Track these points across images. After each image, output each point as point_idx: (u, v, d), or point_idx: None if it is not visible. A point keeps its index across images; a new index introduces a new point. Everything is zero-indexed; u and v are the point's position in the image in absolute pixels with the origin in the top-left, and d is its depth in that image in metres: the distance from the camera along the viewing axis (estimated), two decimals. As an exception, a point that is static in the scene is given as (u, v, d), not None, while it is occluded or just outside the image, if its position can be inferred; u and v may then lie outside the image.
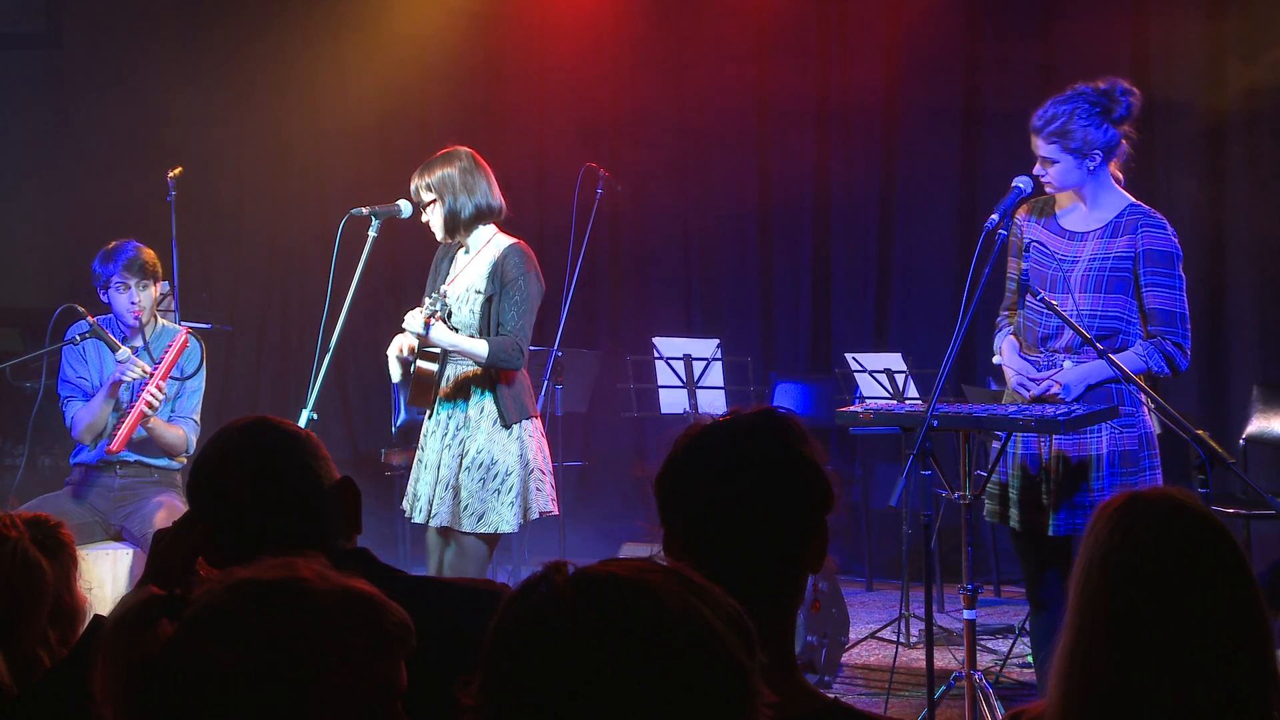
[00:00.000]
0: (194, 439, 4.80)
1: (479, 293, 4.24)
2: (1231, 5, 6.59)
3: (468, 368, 4.26)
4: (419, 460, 4.37)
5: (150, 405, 4.55)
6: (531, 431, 4.31)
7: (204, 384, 4.88)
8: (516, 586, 1.22)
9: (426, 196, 4.27)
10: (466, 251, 4.39)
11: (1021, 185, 3.79)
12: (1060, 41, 6.87)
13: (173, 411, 4.78)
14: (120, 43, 8.21)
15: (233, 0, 8.17)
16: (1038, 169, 3.78)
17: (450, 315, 4.25)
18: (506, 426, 4.23)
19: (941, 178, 7.16)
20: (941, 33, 7.06)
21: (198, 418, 4.86)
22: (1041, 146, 3.73)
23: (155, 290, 4.79)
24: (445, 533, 4.27)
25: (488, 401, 4.24)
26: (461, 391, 4.26)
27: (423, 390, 4.27)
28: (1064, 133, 3.69)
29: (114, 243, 4.78)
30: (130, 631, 1.28)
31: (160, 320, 4.93)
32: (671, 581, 1.18)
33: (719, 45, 7.41)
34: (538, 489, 4.28)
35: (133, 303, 4.70)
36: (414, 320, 4.13)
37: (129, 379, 4.59)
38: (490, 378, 4.24)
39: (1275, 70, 6.33)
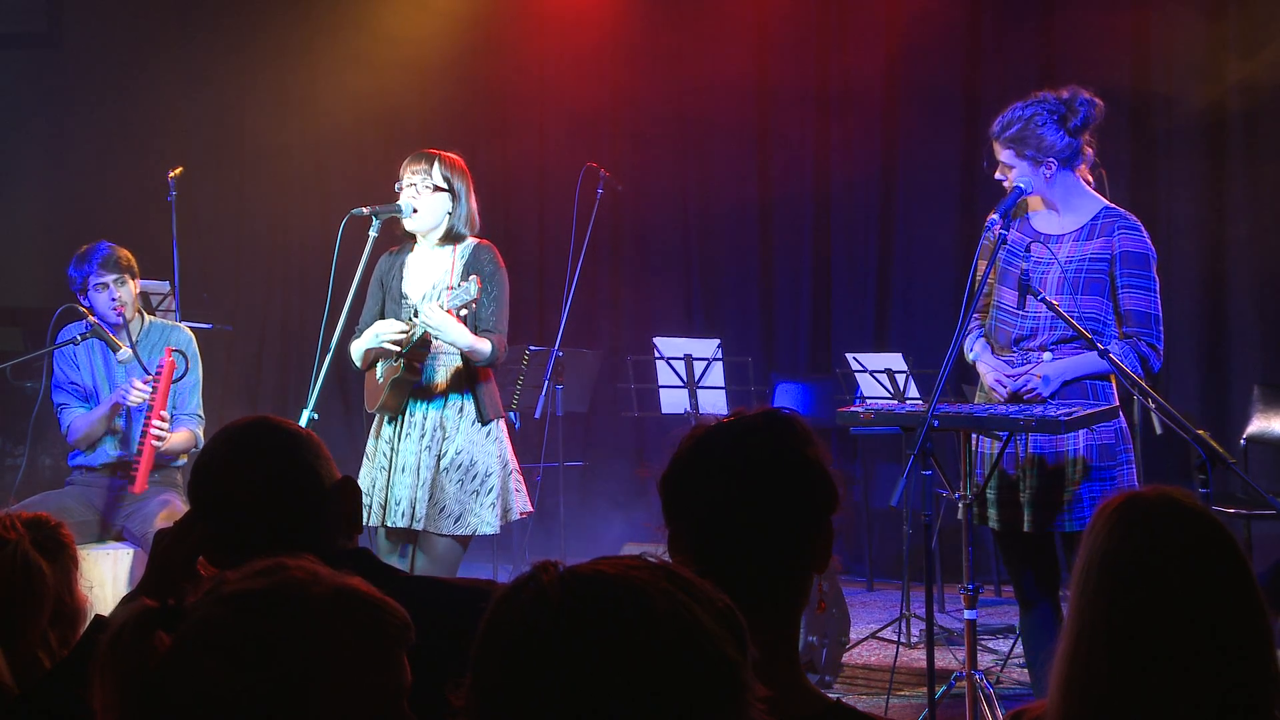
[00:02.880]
0: (200, 432, 4.81)
1: (450, 289, 4.14)
2: (1231, 3, 6.58)
3: (445, 368, 4.18)
4: (386, 465, 4.18)
5: (158, 439, 4.56)
6: (504, 430, 4.28)
7: (200, 378, 4.88)
8: (506, 587, 1.22)
9: (438, 182, 4.19)
10: (413, 251, 4.31)
11: (1022, 185, 3.80)
12: (1060, 34, 6.87)
13: (174, 409, 4.77)
14: (120, 43, 8.21)
15: (232, 1, 8.17)
16: (998, 174, 3.82)
17: (416, 314, 4.18)
18: (485, 424, 4.17)
19: (941, 174, 7.15)
20: (941, 25, 7.05)
21: (201, 411, 4.87)
22: (999, 151, 3.79)
23: (134, 286, 4.78)
24: (408, 535, 4.17)
25: (467, 401, 4.17)
26: (439, 392, 4.17)
27: (400, 396, 4.17)
28: (1019, 139, 3.74)
29: (85, 247, 4.76)
30: (126, 647, 1.26)
31: (149, 318, 4.92)
32: (659, 578, 1.17)
33: (718, 37, 7.41)
34: (516, 489, 4.26)
35: (113, 298, 4.70)
36: (437, 314, 3.95)
37: (131, 403, 4.58)
38: (469, 377, 4.18)
39: (1275, 68, 6.33)
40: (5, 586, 2.45)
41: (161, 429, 4.57)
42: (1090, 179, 3.86)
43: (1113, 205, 3.84)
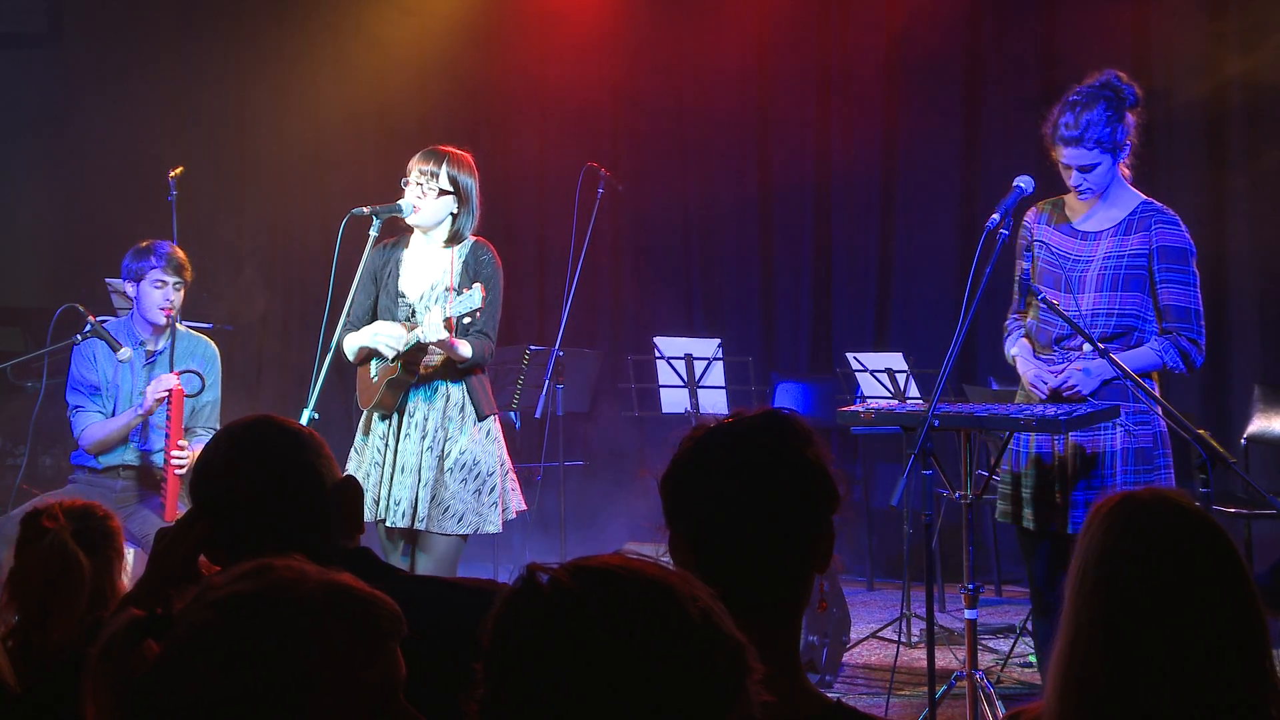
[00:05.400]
0: None
1: (450, 290, 4.13)
2: (1232, 2, 6.57)
3: (443, 368, 4.16)
4: (385, 463, 4.16)
5: (180, 468, 4.56)
6: (499, 428, 4.28)
7: (219, 394, 4.88)
8: (507, 592, 1.22)
9: (444, 184, 4.16)
10: (409, 247, 4.29)
11: (1023, 185, 3.79)
12: (1061, 27, 6.85)
13: (192, 424, 4.76)
14: (121, 43, 8.21)
15: (232, 2, 8.17)
16: (1073, 179, 3.75)
17: (413, 314, 4.18)
18: (482, 419, 4.17)
19: (941, 173, 7.15)
20: (942, 20, 7.03)
21: (218, 425, 4.86)
22: (1079, 155, 3.70)
23: (183, 294, 4.78)
24: (407, 534, 4.16)
25: (464, 399, 4.17)
26: (434, 390, 4.16)
27: (396, 395, 4.16)
28: (1102, 137, 3.68)
29: (147, 241, 4.76)
30: (116, 658, 1.25)
31: (181, 326, 4.90)
32: (660, 568, 1.21)
33: (716, 31, 7.40)
34: (511, 488, 4.28)
35: (168, 299, 4.70)
36: (437, 330, 3.92)
37: (155, 405, 4.57)
38: (461, 373, 4.17)
39: (1274, 65, 6.32)
40: (41, 574, 2.46)
41: (181, 458, 4.57)
42: (1129, 174, 3.85)
43: (1151, 199, 3.82)
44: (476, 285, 3.98)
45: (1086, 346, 3.72)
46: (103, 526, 2.64)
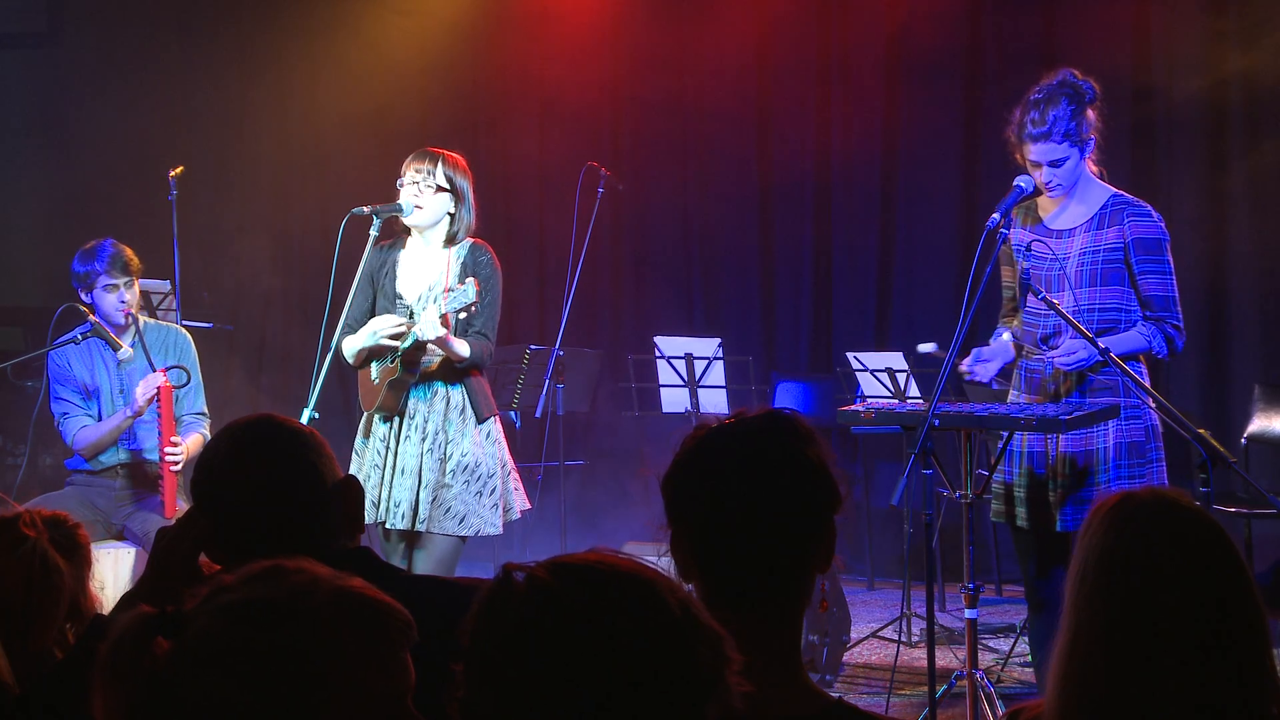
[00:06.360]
0: (207, 430, 4.80)
1: (447, 291, 4.10)
2: (1232, 1, 6.57)
3: (442, 369, 4.15)
4: (381, 464, 4.16)
5: (175, 463, 4.57)
6: (499, 429, 4.28)
7: (200, 379, 4.88)
8: (483, 592, 1.22)
9: (440, 182, 4.17)
10: (406, 248, 4.28)
11: (1023, 184, 3.80)
12: (1062, 22, 6.85)
13: (179, 412, 4.76)
14: (120, 42, 8.22)
15: (232, 1, 8.18)
16: (1044, 175, 3.77)
17: (411, 316, 4.17)
18: (481, 421, 4.17)
19: (941, 173, 7.15)
20: (942, 16, 7.03)
21: (205, 409, 4.86)
22: (1049, 150, 3.72)
23: (138, 288, 4.78)
24: (407, 534, 4.15)
25: (464, 401, 4.16)
26: (433, 392, 4.15)
27: (398, 396, 4.15)
28: (1069, 130, 3.70)
29: (91, 243, 4.74)
30: (127, 655, 1.25)
31: (143, 319, 4.89)
32: (638, 563, 1.22)
33: (716, 30, 7.39)
34: (515, 488, 4.27)
35: (122, 300, 4.69)
36: (433, 327, 3.93)
37: (145, 406, 4.56)
38: (460, 374, 4.17)
39: (1275, 63, 6.32)
40: (24, 582, 2.47)
41: (175, 454, 4.56)
42: (1095, 169, 3.86)
43: (1121, 192, 3.84)
44: (470, 280, 3.96)
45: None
46: (75, 534, 2.64)
